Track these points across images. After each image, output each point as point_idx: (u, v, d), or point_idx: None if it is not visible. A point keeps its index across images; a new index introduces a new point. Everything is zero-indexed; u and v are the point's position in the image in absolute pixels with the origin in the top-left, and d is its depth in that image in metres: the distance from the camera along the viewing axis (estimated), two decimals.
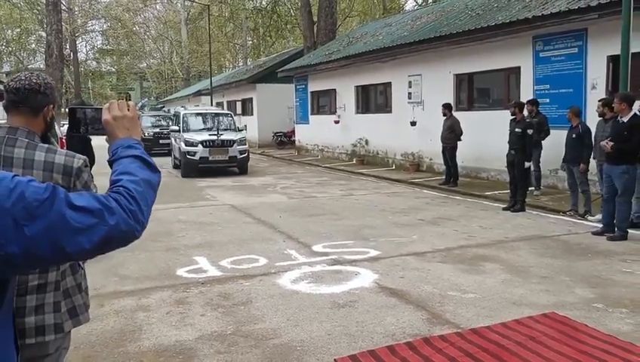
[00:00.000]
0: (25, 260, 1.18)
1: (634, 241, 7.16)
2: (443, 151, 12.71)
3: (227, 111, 18.61)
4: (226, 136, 15.69)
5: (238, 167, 16.03)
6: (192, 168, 15.45)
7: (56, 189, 1.22)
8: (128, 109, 1.63)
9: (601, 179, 8.02)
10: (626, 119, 7.16)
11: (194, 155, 15.26)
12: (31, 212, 1.17)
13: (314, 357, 3.96)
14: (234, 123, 17.29)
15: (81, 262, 2.20)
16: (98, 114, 1.68)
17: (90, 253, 1.28)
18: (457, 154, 12.53)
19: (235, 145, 15.63)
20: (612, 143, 7.12)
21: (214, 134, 15.51)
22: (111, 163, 1.52)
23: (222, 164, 15.64)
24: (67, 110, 1.75)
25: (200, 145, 15.28)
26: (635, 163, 7.23)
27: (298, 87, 23.50)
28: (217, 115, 17.64)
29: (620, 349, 3.98)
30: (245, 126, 18.21)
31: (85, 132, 1.79)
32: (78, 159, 2.13)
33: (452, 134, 12.45)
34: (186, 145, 15.52)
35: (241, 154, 15.75)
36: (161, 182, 1.55)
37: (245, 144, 16.06)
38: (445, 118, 12.66)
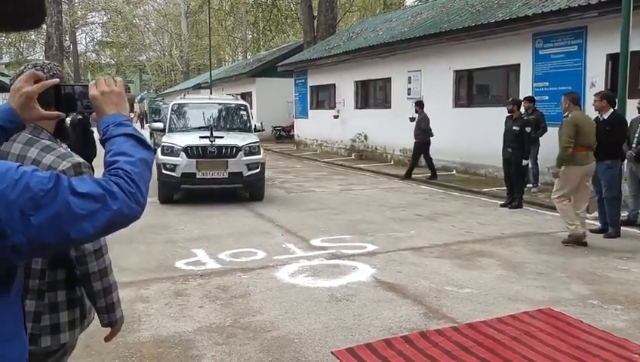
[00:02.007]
0: (30, 248, 1.21)
1: (630, 239, 7.21)
2: (414, 146, 13.33)
3: (240, 102, 12.25)
4: (226, 140, 10.06)
5: (246, 189, 10.47)
6: (171, 190, 10.11)
7: (59, 178, 1.24)
8: (115, 85, 1.61)
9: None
10: (606, 116, 7.33)
11: (173, 170, 9.73)
12: (37, 202, 1.19)
13: (311, 350, 4.00)
14: (249, 120, 11.60)
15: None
16: (85, 90, 1.66)
17: (94, 236, 1.32)
18: (457, 150, 12.64)
19: (239, 154, 9.91)
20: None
21: (207, 136, 9.90)
22: (103, 142, 1.51)
23: (218, 184, 10.13)
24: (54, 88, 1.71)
25: (183, 154, 9.75)
26: (617, 158, 7.36)
27: (297, 81, 23.49)
28: (225, 107, 11.84)
29: (615, 345, 4.02)
30: (262, 124, 11.95)
31: (74, 109, 1.76)
32: (67, 162, 1.96)
33: (420, 130, 13.00)
34: (162, 154, 9.93)
35: (250, 169, 10.02)
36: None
37: (259, 153, 10.29)
38: (417, 114, 13.27)
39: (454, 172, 13.81)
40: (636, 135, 7.43)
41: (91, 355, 3.91)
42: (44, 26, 24.92)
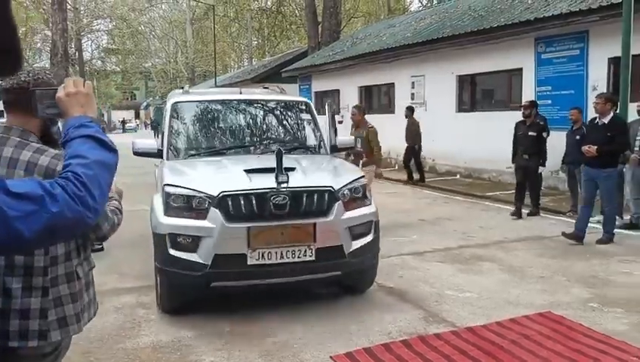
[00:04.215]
0: None
1: (633, 242, 7.18)
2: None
3: (298, 99, 7.26)
4: (305, 175, 4.85)
5: (350, 279, 5.13)
6: (188, 292, 4.81)
7: None
8: (83, 86, 1.56)
9: None
10: (606, 120, 6.98)
11: (192, 249, 4.49)
12: None
13: (310, 354, 4.01)
14: (317, 130, 6.36)
15: (80, 272, 2.11)
16: (51, 92, 1.63)
17: (32, 241, 1.23)
18: (461, 154, 12.68)
19: (334, 207, 4.71)
20: (596, 147, 6.87)
21: (263, 170, 4.70)
22: (64, 145, 1.45)
23: (293, 275, 4.64)
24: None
25: (216, 213, 4.47)
26: (617, 165, 7.12)
27: (302, 87, 23.54)
28: (274, 109, 6.51)
29: (615, 349, 4.01)
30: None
31: (37, 112, 1.72)
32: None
33: (411, 135, 13.38)
34: (167, 213, 4.62)
35: (357, 237, 4.86)
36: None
37: (367, 200, 5.13)
38: (407, 119, 13.60)
39: (458, 176, 13.80)
40: (638, 138, 7.39)
41: (90, 361, 3.93)
42: (50, 33, 25.00)
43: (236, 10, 43.10)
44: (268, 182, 4.52)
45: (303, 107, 6.60)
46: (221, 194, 4.48)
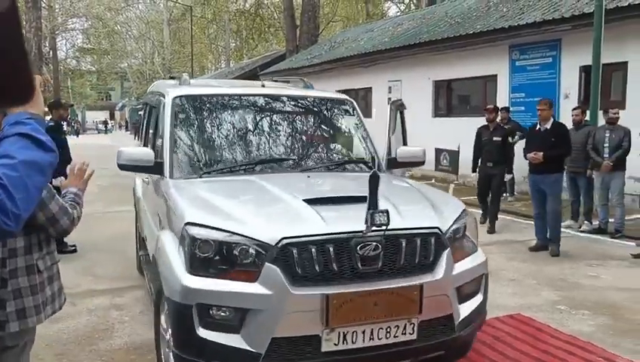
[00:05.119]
0: None
1: (601, 247, 7.36)
2: None
3: (341, 97, 5.12)
4: (396, 212, 3.05)
5: (452, 357, 3.44)
6: None
7: None
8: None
9: (571, 185, 8.17)
10: (548, 126, 6.94)
11: (235, 329, 2.81)
12: None
13: None
14: (367, 138, 4.86)
15: (41, 265, 2.12)
16: None
17: None
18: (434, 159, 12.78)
19: (443, 258, 3.12)
20: (541, 153, 6.78)
21: (335, 199, 3.20)
22: None
23: (388, 360, 3.00)
24: None
25: (273, 271, 2.78)
26: (562, 170, 7.10)
27: None
28: (313, 110, 4.79)
29: (581, 349, 4.12)
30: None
31: None
32: None
33: None
34: (192, 272, 2.86)
35: (465, 298, 3.27)
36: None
37: (472, 245, 3.55)
38: None
39: (433, 181, 13.96)
40: (605, 144, 7.56)
41: None
42: (23, 32, 24.63)
43: (214, 11, 42.97)
44: (349, 220, 2.95)
45: (347, 107, 4.92)
46: (283, 242, 2.82)
